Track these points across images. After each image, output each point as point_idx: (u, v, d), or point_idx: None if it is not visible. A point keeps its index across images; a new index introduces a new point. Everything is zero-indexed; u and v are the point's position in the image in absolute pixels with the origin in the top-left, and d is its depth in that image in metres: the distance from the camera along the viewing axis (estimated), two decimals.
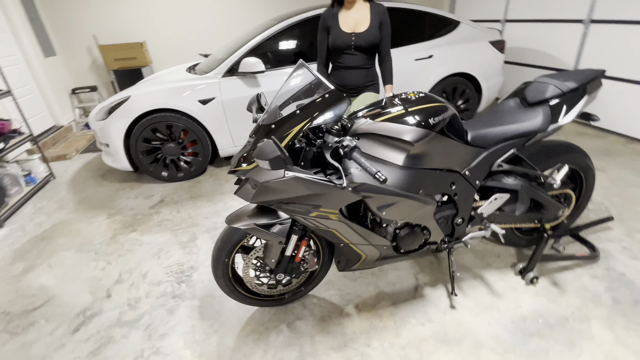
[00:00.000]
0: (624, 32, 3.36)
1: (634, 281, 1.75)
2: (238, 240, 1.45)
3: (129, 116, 2.78)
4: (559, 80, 1.51)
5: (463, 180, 1.47)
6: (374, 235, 1.39)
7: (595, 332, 1.50)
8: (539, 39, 4.35)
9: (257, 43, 2.97)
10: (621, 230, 2.14)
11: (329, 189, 1.19)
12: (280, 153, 0.94)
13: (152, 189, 3.03)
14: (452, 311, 1.65)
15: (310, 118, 1.14)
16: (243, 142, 3.17)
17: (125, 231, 2.43)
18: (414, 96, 1.39)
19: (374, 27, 2.02)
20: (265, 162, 0.97)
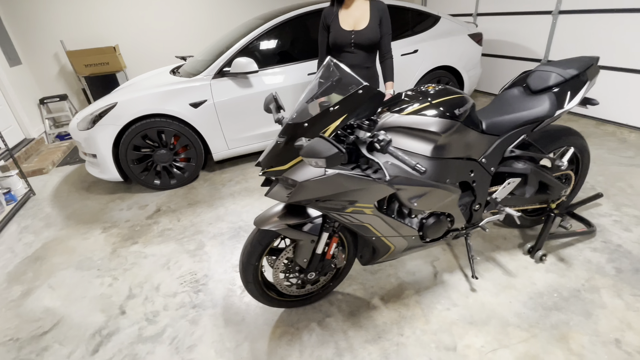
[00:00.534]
0: (591, 21, 3.61)
1: (630, 251, 1.89)
2: (268, 243, 1.43)
3: (117, 124, 2.64)
4: (560, 68, 1.60)
5: (480, 167, 1.53)
6: (404, 227, 1.42)
7: (606, 301, 1.61)
8: (511, 31, 4.57)
9: (247, 42, 2.92)
10: (609, 205, 2.31)
11: (368, 184, 1.20)
12: (337, 150, 0.94)
13: (145, 199, 2.90)
14: (473, 294, 1.71)
15: (347, 114, 1.15)
16: (237, 145, 3.11)
17: (125, 244, 2.32)
18: (432, 89, 1.43)
19: (374, 24, 2.04)
20: (321, 160, 0.96)
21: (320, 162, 0.97)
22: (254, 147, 3.19)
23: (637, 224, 2.10)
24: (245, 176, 3.17)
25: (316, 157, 0.95)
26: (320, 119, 1.19)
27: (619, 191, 2.45)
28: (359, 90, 1.17)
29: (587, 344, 1.42)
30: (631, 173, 2.67)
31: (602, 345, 1.41)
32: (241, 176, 3.18)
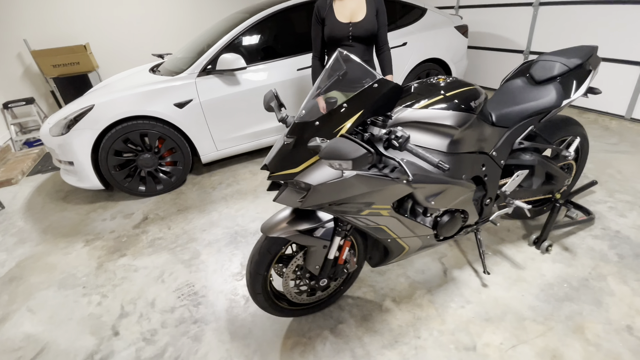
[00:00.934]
0: (571, 12, 3.68)
1: (629, 237, 1.93)
2: (277, 251, 1.33)
3: (95, 128, 2.45)
4: (564, 58, 1.59)
5: (491, 160, 1.50)
6: (420, 226, 1.36)
7: (614, 288, 1.63)
8: (493, 23, 4.62)
9: (233, 38, 2.78)
10: (603, 192, 2.35)
11: (387, 184, 1.13)
12: (366, 150, 0.85)
13: (129, 207, 2.72)
14: (485, 289, 1.69)
15: (363, 110, 1.07)
16: (226, 146, 2.97)
17: (112, 257, 2.15)
18: (443, 81, 1.37)
19: (371, 15, 1.97)
20: (347, 162, 0.87)
21: (345, 164, 0.88)
22: (244, 147, 3.06)
23: (631, 209, 2.15)
24: (236, 178, 3.04)
25: (340, 159, 0.87)
26: (333, 116, 1.10)
27: (610, 178, 2.51)
28: (374, 84, 1.09)
29: (601, 333, 1.42)
30: (618, 159, 2.75)
31: (616, 333, 1.42)
32: (232, 178, 3.05)
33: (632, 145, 2.95)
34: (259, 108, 2.92)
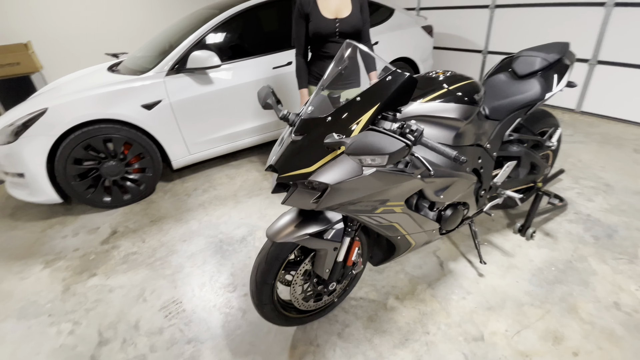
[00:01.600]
0: (525, 15, 3.96)
1: (599, 219, 2.09)
2: (285, 257, 1.25)
3: (51, 134, 2.17)
4: (543, 53, 1.67)
5: (485, 153, 1.53)
6: (428, 221, 1.35)
7: (596, 268, 1.74)
8: (453, 24, 4.84)
9: (204, 34, 2.62)
10: (569, 180, 2.53)
11: (404, 180, 1.09)
12: (404, 144, 0.80)
13: (93, 220, 2.45)
14: (482, 279, 1.72)
15: (379, 103, 1.02)
16: (200, 149, 2.80)
17: (80, 278, 1.91)
18: (442, 75, 1.37)
19: (357, 11, 1.94)
20: (381, 157, 0.82)
21: (380, 158, 0.83)
22: (219, 150, 2.90)
23: (596, 194, 2.33)
24: (212, 183, 2.87)
25: (374, 154, 0.81)
26: (347, 111, 1.05)
27: (572, 166, 2.71)
28: (388, 76, 1.05)
29: (593, 311, 1.51)
30: (576, 149, 2.99)
31: (606, 310, 1.51)
32: (207, 184, 2.87)
33: (586, 136, 3.22)
34: (234, 108, 2.78)
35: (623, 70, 3.33)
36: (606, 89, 3.50)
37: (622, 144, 3.01)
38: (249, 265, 1.92)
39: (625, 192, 2.31)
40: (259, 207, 2.48)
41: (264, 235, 2.16)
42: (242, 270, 1.89)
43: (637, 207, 2.15)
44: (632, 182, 2.42)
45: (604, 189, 2.37)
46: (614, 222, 2.05)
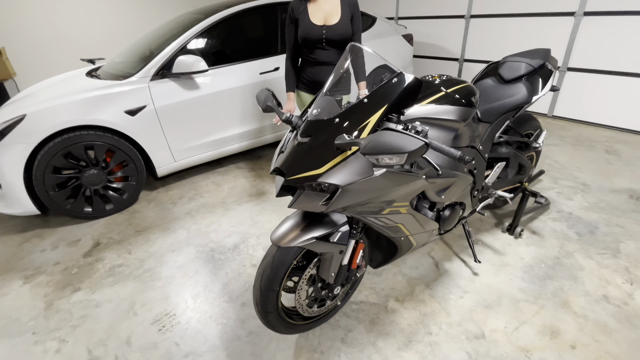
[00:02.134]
0: (498, 24, 4.16)
1: (580, 217, 2.19)
2: (290, 262, 1.22)
3: (29, 142, 2.05)
4: (528, 59, 1.76)
5: (478, 154, 1.58)
6: (430, 221, 1.37)
7: (582, 263, 1.82)
8: (430, 33, 5.01)
9: (190, 39, 2.57)
10: (548, 180, 2.65)
11: (411, 180, 1.10)
12: (423, 142, 0.81)
13: (73, 232, 2.32)
14: (477, 278, 1.76)
15: (387, 105, 1.03)
16: (185, 156, 2.72)
17: (64, 294, 1.80)
18: (438, 79, 1.41)
19: (346, 19, 1.96)
20: (399, 156, 0.82)
21: (398, 157, 0.83)
22: (205, 156, 2.83)
23: (575, 193, 2.45)
24: (198, 191, 2.79)
25: (393, 153, 0.82)
26: (355, 112, 1.05)
27: (550, 167, 2.85)
28: (394, 78, 1.07)
29: (585, 305, 1.57)
30: (551, 151, 3.14)
31: (596, 303, 1.58)
32: (193, 191, 2.79)
33: (559, 139, 3.40)
34: (221, 114, 2.74)
35: (592, 76, 3.55)
36: (576, 94, 3.72)
37: (594, 145, 3.20)
38: (244, 274, 1.87)
39: (602, 191, 2.45)
40: (250, 214, 2.43)
41: (257, 243, 2.12)
42: (236, 280, 1.84)
43: (614, 205, 2.28)
44: (607, 181, 2.57)
45: (582, 188, 2.50)
46: (594, 219, 2.15)
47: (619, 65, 3.34)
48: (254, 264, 1.94)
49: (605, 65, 3.43)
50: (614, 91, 3.44)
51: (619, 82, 3.39)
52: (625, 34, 3.23)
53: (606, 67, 3.42)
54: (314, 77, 2.09)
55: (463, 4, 4.43)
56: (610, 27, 3.30)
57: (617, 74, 3.37)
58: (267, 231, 2.23)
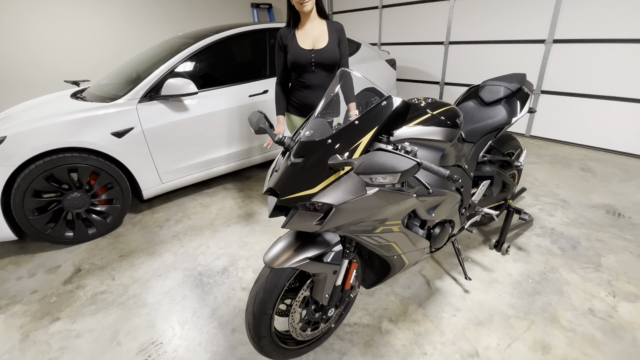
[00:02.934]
0: (475, 50, 4.40)
1: (563, 232, 2.26)
2: (284, 284, 1.21)
3: (8, 164, 1.98)
4: (506, 82, 1.86)
5: (464, 173, 1.63)
6: (421, 239, 1.39)
7: (567, 277, 1.87)
8: (412, 58, 5.24)
9: (179, 62, 2.60)
10: (530, 197, 2.75)
11: (402, 199, 1.13)
12: (415, 162, 0.84)
13: (52, 258, 2.22)
14: (468, 295, 1.78)
15: (377, 126, 1.07)
16: (172, 177, 2.69)
17: (41, 324, 1.70)
18: (424, 102, 1.47)
19: (333, 44, 2.04)
20: (392, 176, 0.84)
21: (391, 177, 0.86)
22: (192, 178, 2.80)
23: (556, 209, 2.54)
24: (185, 213, 2.75)
25: (386, 172, 0.84)
26: (347, 133, 1.09)
27: (531, 184, 2.95)
28: (383, 101, 1.11)
29: (572, 319, 1.60)
30: (531, 169, 3.27)
31: (583, 317, 1.61)
32: (180, 213, 2.74)
33: (538, 157, 3.55)
34: (209, 135, 2.74)
35: (564, 98, 3.76)
36: (551, 116, 3.92)
37: (570, 163, 3.35)
38: (234, 298, 1.83)
39: (580, 207, 2.55)
40: (239, 236, 2.40)
41: (247, 265, 2.08)
42: (226, 304, 1.79)
43: (593, 220, 2.37)
44: (585, 197, 2.68)
45: (562, 205, 2.59)
46: (575, 234, 2.23)
47: (588, 88, 3.57)
48: (244, 287, 1.90)
49: (575, 88, 3.65)
50: (585, 112, 3.65)
51: (589, 104, 3.60)
52: (593, 59, 3.47)
53: (577, 90, 3.65)
54: (303, 100, 2.13)
55: (442, 31, 4.68)
56: (578, 54, 3.54)
57: (587, 96, 3.60)
58: (257, 253, 2.20)
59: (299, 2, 1.82)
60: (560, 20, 3.56)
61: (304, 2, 1.82)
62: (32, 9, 4.02)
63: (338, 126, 1.31)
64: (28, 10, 3.98)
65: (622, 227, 2.29)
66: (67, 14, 4.28)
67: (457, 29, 4.50)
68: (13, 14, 3.90)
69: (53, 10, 4.18)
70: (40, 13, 4.09)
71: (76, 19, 4.34)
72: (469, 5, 4.29)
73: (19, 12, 3.94)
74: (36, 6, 4.04)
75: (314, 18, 1.96)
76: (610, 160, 3.41)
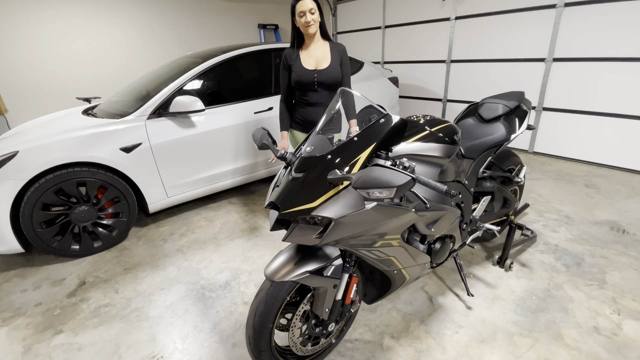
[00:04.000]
0: (477, 68, 4.48)
1: (566, 249, 2.25)
2: (284, 297, 1.22)
3: (19, 178, 2.05)
4: (505, 100, 1.90)
5: (464, 188, 1.65)
6: (421, 254, 1.40)
7: (571, 294, 1.85)
8: (414, 76, 5.34)
9: (187, 80, 2.69)
10: (534, 213, 2.74)
11: (401, 213, 1.15)
12: (410, 177, 0.87)
13: (58, 271, 2.25)
14: (471, 312, 1.76)
15: (375, 143, 1.11)
16: (178, 192, 2.73)
17: (44, 337, 1.71)
18: (422, 119, 1.51)
19: (335, 64, 2.11)
20: (388, 190, 0.87)
21: (387, 191, 0.88)
22: (197, 192, 2.85)
23: (559, 225, 2.53)
24: (189, 227, 2.78)
25: (382, 187, 0.87)
26: (346, 149, 1.12)
27: (534, 200, 2.95)
28: (381, 119, 1.15)
29: (577, 337, 1.58)
30: (534, 185, 3.27)
31: (588, 335, 1.59)
32: (185, 227, 2.77)
33: (541, 173, 3.55)
34: (215, 150, 2.80)
35: (565, 115, 3.79)
36: (553, 132, 3.95)
37: (573, 180, 3.35)
38: (235, 313, 1.83)
39: (584, 223, 2.53)
40: (242, 250, 2.42)
41: (249, 279, 2.09)
42: (227, 319, 1.79)
43: (597, 236, 2.36)
44: (589, 214, 2.67)
45: (566, 221, 2.58)
46: (579, 250, 2.21)
47: (590, 105, 3.60)
48: (245, 301, 1.90)
49: (577, 105, 3.68)
50: (588, 129, 3.67)
51: (592, 121, 3.62)
52: (593, 77, 3.52)
53: (578, 107, 3.68)
54: (306, 117, 2.19)
55: (443, 50, 4.78)
56: (579, 72, 3.60)
57: (589, 113, 3.62)
58: (259, 267, 2.21)
59: (305, 25, 1.90)
60: (560, 39, 3.64)
61: (310, 25, 1.90)
62: (47, 30, 4.20)
63: (338, 142, 1.35)
64: (43, 30, 4.17)
65: (626, 243, 2.27)
66: (81, 34, 4.47)
67: (459, 48, 4.60)
68: (29, 33, 4.08)
69: (67, 31, 4.36)
70: (55, 33, 4.27)
71: (89, 38, 4.52)
72: (470, 25, 4.40)
73: (35, 32, 4.12)
74: (51, 26, 4.23)
75: (317, 40, 2.03)
76: (614, 176, 3.40)
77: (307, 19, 1.87)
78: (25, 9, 3.96)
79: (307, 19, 1.87)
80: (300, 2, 1.86)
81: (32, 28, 4.07)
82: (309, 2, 1.86)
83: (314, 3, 1.88)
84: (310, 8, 1.86)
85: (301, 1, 1.86)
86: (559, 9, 3.56)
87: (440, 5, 4.63)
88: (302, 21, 1.90)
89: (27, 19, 3.99)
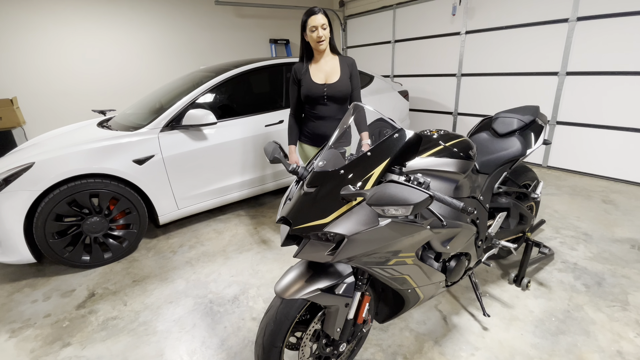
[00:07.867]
0: (488, 82, 4.46)
1: (586, 267, 2.16)
2: (294, 316, 1.19)
3: (34, 189, 2.08)
4: (519, 114, 1.87)
5: (480, 204, 1.61)
6: (436, 273, 1.36)
7: (593, 316, 1.77)
8: (424, 89, 5.34)
9: (201, 94, 2.73)
10: (550, 230, 2.66)
11: (416, 230, 1.12)
12: (428, 195, 0.84)
13: (68, 282, 2.26)
14: (487, 333, 1.69)
15: (389, 158, 1.09)
16: (188, 204, 2.74)
17: (52, 349, 1.70)
18: (436, 133, 1.49)
19: (345, 78, 2.11)
20: (404, 208, 0.85)
21: (404, 209, 0.86)
22: (208, 204, 2.85)
23: (578, 242, 2.45)
24: (199, 239, 2.77)
25: (398, 204, 0.85)
26: (359, 164, 1.10)
27: (550, 217, 2.87)
28: (395, 134, 1.14)
29: None
30: (551, 201, 3.18)
31: (611, 359, 1.51)
32: (194, 239, 2.77)
33: (557, 188, 3.47)
34: (226, 163, 2.82)
35: (579, 129, 3.73)
36: (568, 146, 3.87)
37: (590, 195, 3.26)
38: (243, 329, 1.80)
39: (604, 241, 2.45)
40: (251, 263, 2.39)
41: (258, 294, 2.06)
42: (235, 335, 1.76)
43: (617, 255, 2.27)
44: (608, 231, 2.58)
45: (584, 238, 2.49)
46: (599, 269, 2.13)
47: (606, 119, 3.53)
48: (254, 317, 1.87)
49: (592, 119, 3.62)
50: (603, 143, 3.59)
51: (606, 135, 3.55)
52: (607, 91, 3.46)
53: (594, 121, 3.61)
54: (316, 131, 2.19)
55: (454, 64, 4.79)
56: (593, 86, 3.54)
57: (605, 127, 3.55)
58: (268, 281, 2.18)
59: (317, 40, 1.91)
60: (573, 53, 3.60)
61: (322, 41, 1.91)
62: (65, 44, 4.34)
63: (351, 156, 1.34)
64: (61, 44, 4.31)
65: None
66: (97, 48, 4.60)
67: (469, 62, 4.60)
68: (47, 47, 4.22)
69: (84, 45, 4.50)
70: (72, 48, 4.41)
71: (106, 52, 4.66)
72: (481, 40, 4.40)
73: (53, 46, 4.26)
74: (69, 41, 4.37)
75: (327, 54, 2.05)
76: (633, 192, 3.30)
77: (320, 33, 1.89)
78: (43, 24, 4.12)
79: (319, 34, 1.89)
80: (313, 17, 1.88)
81: (50, 42, 4.21)
82: (321, 17, 1.88)
83: (325, 19, 1.90)
84: (322, 23, 1.88)
85: (314, 16, 1.88)
86: (571, 23, 3.54)
87: (451, 20, 4.66)
88: (313, 36, 1.91)
89: (46, 33, 4.15)
